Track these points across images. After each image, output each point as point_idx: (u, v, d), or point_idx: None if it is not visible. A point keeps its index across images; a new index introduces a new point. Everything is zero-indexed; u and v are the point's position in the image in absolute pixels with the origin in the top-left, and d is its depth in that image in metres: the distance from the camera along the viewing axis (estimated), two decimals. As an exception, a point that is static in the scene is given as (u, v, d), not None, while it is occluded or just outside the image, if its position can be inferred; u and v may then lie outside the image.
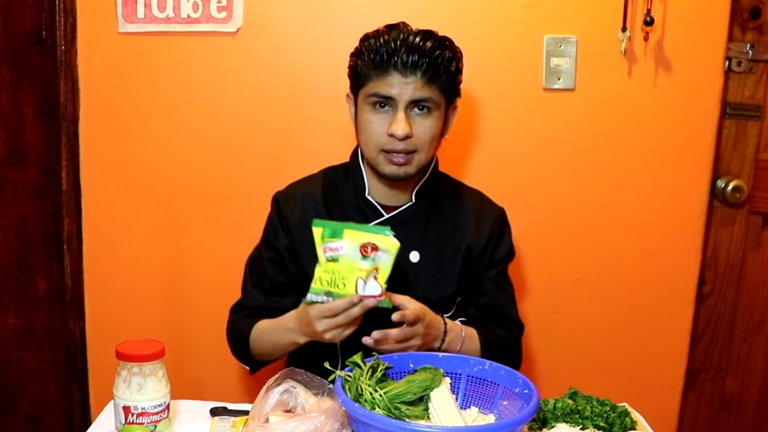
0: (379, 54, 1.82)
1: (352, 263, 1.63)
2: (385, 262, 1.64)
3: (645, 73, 2.48)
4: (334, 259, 1.65)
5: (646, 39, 2.44)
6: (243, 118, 2.51)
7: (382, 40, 1.83)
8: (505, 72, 2.48)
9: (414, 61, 1.80)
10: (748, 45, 2.56)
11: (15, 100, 2.53)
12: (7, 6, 2.47)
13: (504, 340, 2.03)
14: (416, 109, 1.85)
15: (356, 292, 1.64)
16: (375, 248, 1.62)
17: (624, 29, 2.41)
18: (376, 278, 1.64)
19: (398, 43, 1.81)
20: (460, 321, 2.06)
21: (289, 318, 1.85)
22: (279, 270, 2.03)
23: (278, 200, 2.05)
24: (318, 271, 1.67)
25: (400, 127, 1.82)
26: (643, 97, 2.49)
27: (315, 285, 1.67)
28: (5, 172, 2.57)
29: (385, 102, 1.85)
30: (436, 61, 1.81)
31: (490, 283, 2.06)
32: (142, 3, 2.41)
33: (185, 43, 2.46)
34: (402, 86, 1.82)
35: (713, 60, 2.48)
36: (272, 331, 1.93)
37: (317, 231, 1.65)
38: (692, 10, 2.43)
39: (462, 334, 1.91)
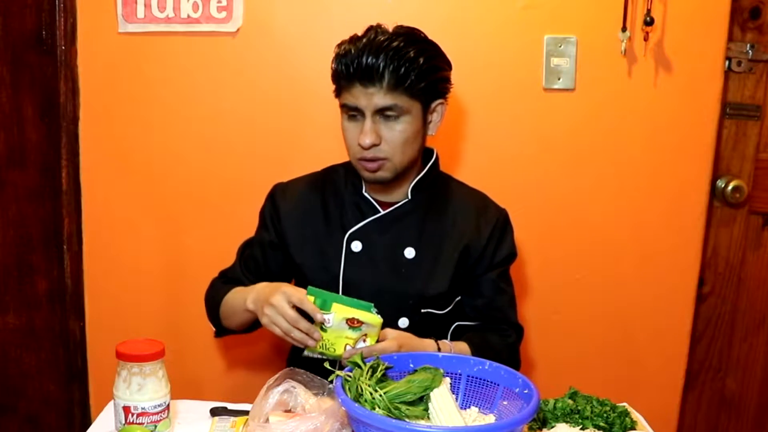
0: (342, 63, 1.84)
1: (341, 332, 1.74)
2: (373, 331, 1.76)
3: (645, 73, 2.48)
4: (323, 329, 1.74)
5: (646, 39, 2.45)
6: (243, 118, 2.51)
7: (345, 48, 1.84)
8: (506, 72, 2.48)
9: (373, 67, 1.79)
10: (748, 45, 2.56)
11: (15, 100, 2.53)
12: (7, 6, 2.47)
13: (497, 350, 1.99)
14: (384, 116, 1.85)
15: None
16: (361, 322, 1.73)
17: (624, 29, 2.41)
18: (364, 340, 1.76)
19: (359, 48, 1.81)
20: (458, 324, 2.08)
21: (258, 286, 1.88)
22: (263, 256, 2.08)
23: (275, 191, 2.10)
24: None
25: (366, 136, 1.83)
26: (643, 97, 2.50)
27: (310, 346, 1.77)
28: (5, 173, 2.58)
29: (354, 112, 1.86)
30: (397, 64, 1.79)
31: (489, 285, 2.06)
32: (142, 3, 2.41)
33: (185, 43, 2.46)
34: (366, 97, 1.82)
35: (713, 60, 2.48)
36: (239, 292, 1.97)
37: (310, 298, 1.73)
38: (692, 10, 2.43)
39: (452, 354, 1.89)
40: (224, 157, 2.54)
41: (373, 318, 1.73)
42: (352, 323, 1.72)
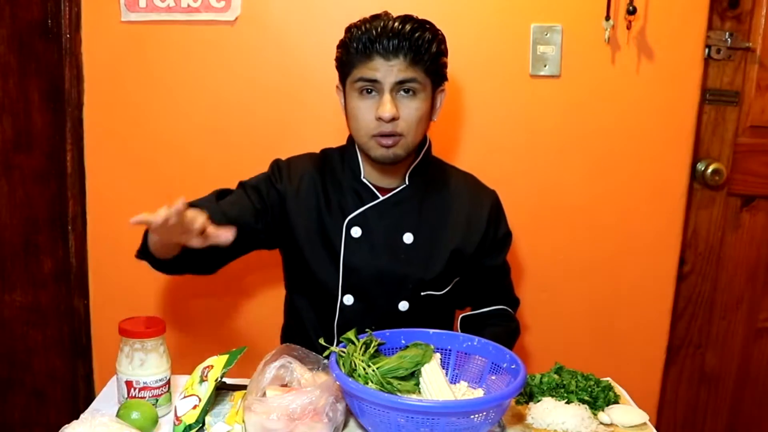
0: (362, 41, 1.85)
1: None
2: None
3: (628, 60, 2.51)
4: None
5: (628, 28, 2.48)
6: (240, 105, 2.53)
7: (364, 28, 1.86)
8: (493, 59, 2.51)
9: (395, 44, 1.82)
10: (727, 33, 2.59)
11: (22, 86, 2.55)
12: (15, -4, 2.48)
13: (502, 340, 1.96)
14: (402, 92, 1.87)
15: None
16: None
17: (608, 18, 2.44)
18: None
19: (380, 29, 1.83)
20: (463, 316, 2.17)
21: None
22: (250, 203, 2.01)
23: (279, 165, 2.08)
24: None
25: (387, 109, 1.83)
26: (626, 83, 2.53)
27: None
28: (12, 156, 2.59)
29: (371, 87, 1.87)
30: (417, 43, 1.83)
31: (492, 268, 2.12)
32: (144, -8, 2.44)
33: (185, 31, 2.48)
34: (386, 69, 1.84)
35: (693, 48, 2.52)
36: None
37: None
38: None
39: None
40: (223, 140, 2.55)
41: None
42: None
